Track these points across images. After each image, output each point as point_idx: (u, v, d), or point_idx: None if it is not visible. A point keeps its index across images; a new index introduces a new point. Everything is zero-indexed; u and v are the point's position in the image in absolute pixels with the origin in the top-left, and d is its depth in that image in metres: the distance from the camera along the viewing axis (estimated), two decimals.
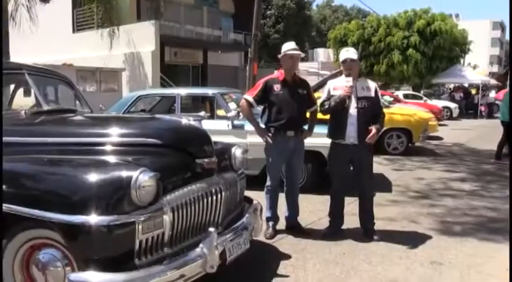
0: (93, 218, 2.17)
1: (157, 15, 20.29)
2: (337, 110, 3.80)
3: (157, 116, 3.69)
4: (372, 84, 3.91)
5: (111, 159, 2.49)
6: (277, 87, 3.83)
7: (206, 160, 2.76)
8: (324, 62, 34.39)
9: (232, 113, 5.60)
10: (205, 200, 2.67)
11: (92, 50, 15.34)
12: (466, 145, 10.93)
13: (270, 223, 3.98)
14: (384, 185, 6.10)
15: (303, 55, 3.94)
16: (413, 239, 3.90)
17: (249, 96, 3.90)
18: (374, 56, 23.21)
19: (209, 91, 6.21)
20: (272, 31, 42.10)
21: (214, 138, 5.75)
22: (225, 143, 3.41)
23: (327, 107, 3.84)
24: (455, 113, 20.52)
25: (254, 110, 4.04)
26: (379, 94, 3.98)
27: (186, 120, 2.87)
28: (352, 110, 3.77)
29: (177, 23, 20.78)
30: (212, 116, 6.14)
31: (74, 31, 17.71)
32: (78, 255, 2.25)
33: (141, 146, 2.68)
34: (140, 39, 14.53)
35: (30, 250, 2.44)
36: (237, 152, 3.35)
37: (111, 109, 6.47)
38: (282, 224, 4.14)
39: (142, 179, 2.24)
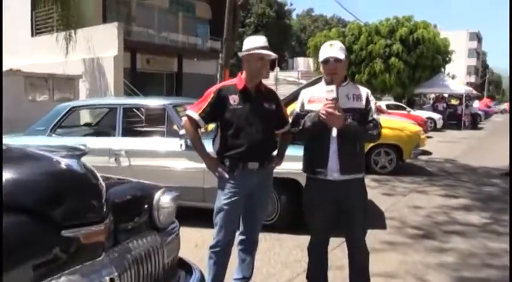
0: None
1: (128, 20, 19.07)
2: (314, 133, 2.60)
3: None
4: (363, 91, 2.68)
5: None
6: (234, 99, 2.63)
7: (86, 230, 1.55)
8: (303, 71, 33.68)
9: (204, 127, 4.39)
10: None
11: (50, 55, 13.95)
12: (458, 161, 9.97)
13: None
14: (376, 217, 4.96)
15: (274, 56, 2.70)
16: None
17: (194, 112, 2.68)
18: (355, 64, 22.40)
19: (158, 102, 4.99)
20: None
21: (164, 161, 4.58)
22: (141, 185, 2.20)
23: (301, 127, 2.61)
24: (439, 124, 19.82)
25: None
26: (372, 104, 2.70)
27: (56, 158, 1.65)
28: (335, 133, 2.56)
29: (150, 29, 19.60)
30: (163, 133, 4.94)
31: (32, 35, 16.26)
32: None
33: None
34: (102, 43, 13.20)
35: None
36: (163, 199, 2.15)
37: (38, 123, 5.20)
38: None
39: None
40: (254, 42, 2.64)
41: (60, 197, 1.54)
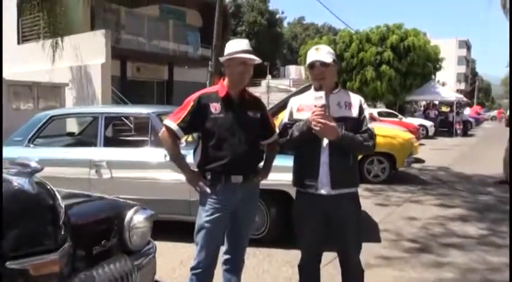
0: None
1: (117, 28, 18.87)
2: (304, 143, 2.40)
3: None
4: (355, 99, 2.48)
5: None
6: (215, 108, 2.43)
7: (38, 259, 1.33)
8: (295, 78, 33.72)
9: (184, 137, 4.18)
10: None
11: (37, 63, 13.70)
12: (451, 169, 9.84)
13: None
14: (370, 229, 4.76)
15: (258, 60, 2.48)
16: None
17: (172, 122, 2.46)
18: (347, 72, 22.36)
19: (142, 110, 4.77)
20: None
21: (147, 173, 4.35)
22: (111, 203, 2.00)
23: (288, 138, 2.42)
24: (431, 131, 19.80)
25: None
26: (366, 113, 2.50)
27: (4, 176, 1.43)
28: (326, 142, 2.36)
29: (140, 37, 19.42)
30: (147, 143, 4.71)
31: (19, 42, 15.97)
32: None
33: None
34: (90, 51, 12.97)
35: None
36: (136, 218, 1.94)
37: (15, 133, 4.95)
38: None
39: None
40: (235, 46, 2.44)
41: (7, 223, 1.32)
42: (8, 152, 4.46)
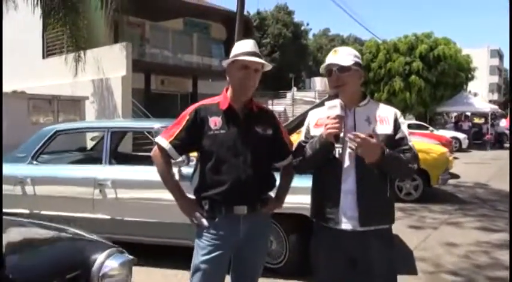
0: None
1: (141, 42, 19.02)
2: (320, 164, 1.95)
3: None
4: (389, 111, 1.98)
5: None
6: (215, 122, 2.00)
7: None
8: (320, 90, 33.20)
9: (179, 158, 3.78)
10: None
11: (61, 76, 13.78)
12: (490, 186, 9.08)
13: None
14: (403, 258, 4.19)
15: (268, 66, 2.07)
16: None
17: (164, 140, 2.06)
18: (374, 83, 21.70)
19: (149, 125, 4.41)
20: (268, 60, 41.15)
21: (153, 193, 3.93)
22: (76, 244, 1.58)
23: (301, 158, 1.98)
24: (465, 144, 18.83)
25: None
26: (404, 128, 1.96)
27: None
28: (348, 164, 1.89)
29: (164, 50, 19.52)
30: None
31: (44, 56, 16.19)
32: None
33: None
34: (111, 64, 12.93)
35: None
36: (108, 265, 1.52)
37: (19, 149, 4.67)
38: None
39: None
40: (239, 48, 2.03)
41: None
42: (10, 169, 4.18)
